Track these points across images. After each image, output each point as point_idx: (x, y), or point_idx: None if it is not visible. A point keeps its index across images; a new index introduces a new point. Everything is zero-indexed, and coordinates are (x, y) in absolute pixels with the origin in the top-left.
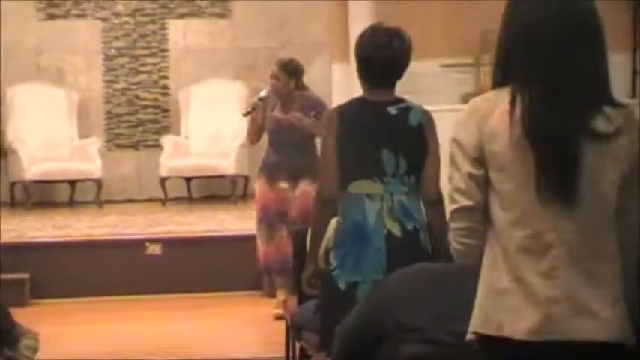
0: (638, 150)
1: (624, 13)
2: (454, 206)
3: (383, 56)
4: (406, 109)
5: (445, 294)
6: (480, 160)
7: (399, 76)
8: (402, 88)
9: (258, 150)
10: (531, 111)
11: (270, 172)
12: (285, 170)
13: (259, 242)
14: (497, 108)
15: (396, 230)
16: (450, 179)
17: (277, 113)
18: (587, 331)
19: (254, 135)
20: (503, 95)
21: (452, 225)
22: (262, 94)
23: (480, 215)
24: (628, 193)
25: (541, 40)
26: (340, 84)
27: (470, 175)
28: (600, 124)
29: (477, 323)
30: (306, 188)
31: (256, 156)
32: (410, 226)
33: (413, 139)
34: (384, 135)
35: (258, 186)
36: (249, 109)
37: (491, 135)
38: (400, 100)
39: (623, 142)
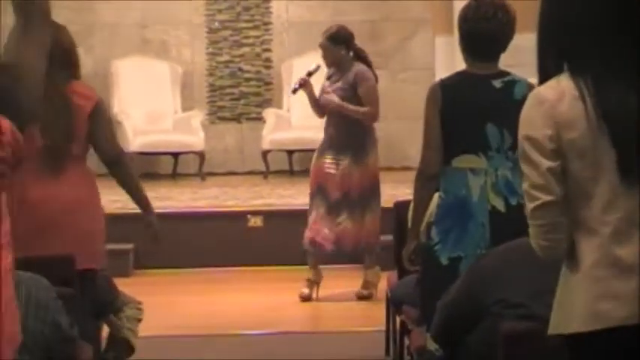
0: None
1: None
2: (535, 203)
3: (487, 29)
4: (511, 83)
5: (544, 268)
6: (556, 150)
7: (504, 49)
8: (507, 62)
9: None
10: (601, 92)
11: (322, 143)
12: (332, 143)
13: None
14: (565, 95)
15: (500, 205)
16: (526, 177)
17: (327, 84)
18: None
19: (314, 110)
20: (565, 81)
21: (534, 222)
22: (311, 68)
23: (562, 208)
24: None
25: (592, 19)
26: (443, 58)
27: (549, 169)
28: None
29: (579, 322)
30: (345, 170)
31: None
32: (514, 201)
33: (518, 112)
34: (489, 109)
35: (313, 159)
36: (297, 86)
37: (566, 123)
38: (504, 74)
39: None
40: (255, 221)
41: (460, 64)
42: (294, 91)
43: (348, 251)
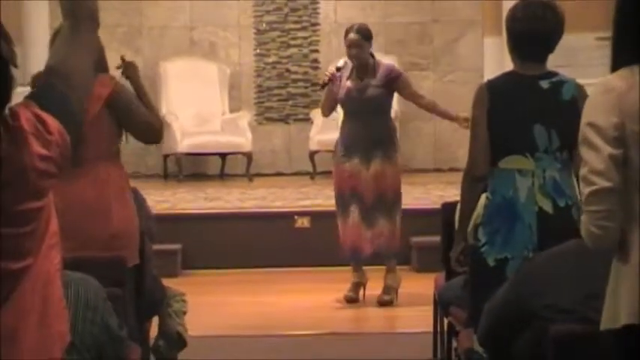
0: None
1: None
2: (591, 188)
3: (536, 29)
4: (559, 83)
5: (593, 271)
6: (620, 138)
7: (552, 49)
8: (556, 62)
9: (408, 125)
10: None
11: (345, 145)
12: (359, 144)
13: (338, 220)
14: (636, 86)
15: (548, 207)
16: (586, 162)
17: (350, 82)
18: None
19: (327, 107)
20: (636, 72)
21: (589, 208)
22: (340, 63)
23: (618, 197)
24: None
25: None
26: (492, 59)
27: (611, 156)
28: None
29: (627, 314)
30: (377, 168)
31: (407, 131)
32: (562, 203)
33: (566, 113)
34: (536, 109)
35: (333, 160)
36: (326, 80)
37: (632, 113)
38: (552, 74)
39: None
40: (303, 222)
41: (509, 65)
42: (324, 85)
43: (384, 253)
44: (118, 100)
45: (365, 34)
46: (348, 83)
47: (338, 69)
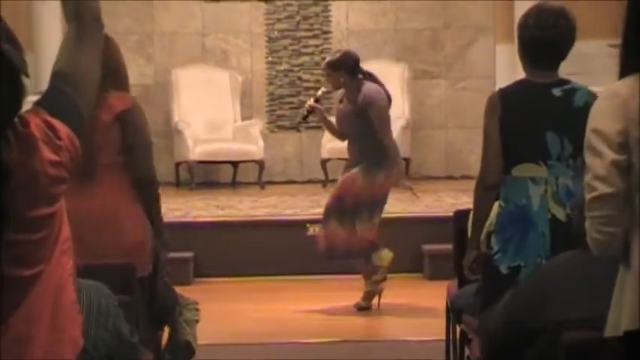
0: None
1: None
2: (593, 194)
3: (548, 37)
4: (571, 91)
5: (602, 279)
6: (623, 144)
7: (564, 57)
8: (568, 70)
9: (419, 132)
10: None
11: (346, 162)
12: (351, 162)
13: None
14: (637, 93)
15: (561, 214)
16: (589, 168)
17: (342, 105)
18: None
19: (333, 133)
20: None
21: (590, 213)
22: (318, 93)
23: (621, 202)
24: None
25: None
26: (504, 66)
27: (613, 162)
28: None
29: (628, 320)
30: (351, 176)
31: (419, 139)
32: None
33: (578, 120)
34: (549, 117)
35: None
36: (306, 113)
37: (635, 120)
38: (564, 82)
39: None
40: (314, 230)
41: (522, 72)
42: (304, 117)
43: (339, 256)
44: (125, 125)
45: (332, 65)
46: (340, 106)
47: (316, 100)
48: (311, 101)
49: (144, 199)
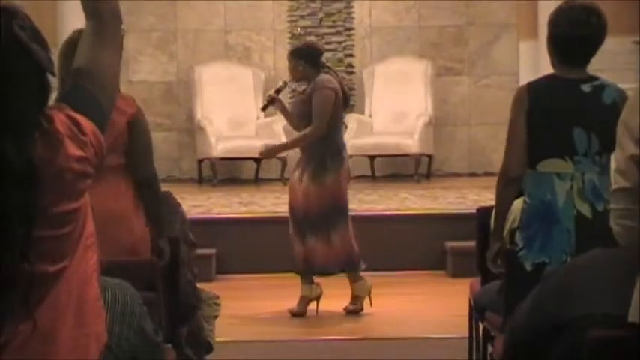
0: None
1: None
2: (614, 187)
3: (579, 34)
4: (600, 87)
5: (626, 276)
6: None
7: (593, 54)
8: (592, 66)
9: (442, 129)
10: None
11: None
12: (299, 161)
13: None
14: None
15: (586, 211)
16: (615, 161)
17: (298, 98)
18: None
19: (291, 124)
20: None
21: (612, 206)
22: (279, 85)
23: (637, 197)
24: None
25: None
26: (528, 62)
27: (632, 157)
28: None
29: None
30: (306, 189)
31: (442, 136)
32: (600, 207)
33: (606, 117)
34: (576, 113)
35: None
36: (266, 103)
37: None
38: (593, 78)
39: None
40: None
41: (545, 69)
42: (263, 108)
43: (319, 269)
44: (134, 128)
45: (292, 53)
46: (296, 99)
47: (277, 91)
48: (272, 92)
49: (147, 199)
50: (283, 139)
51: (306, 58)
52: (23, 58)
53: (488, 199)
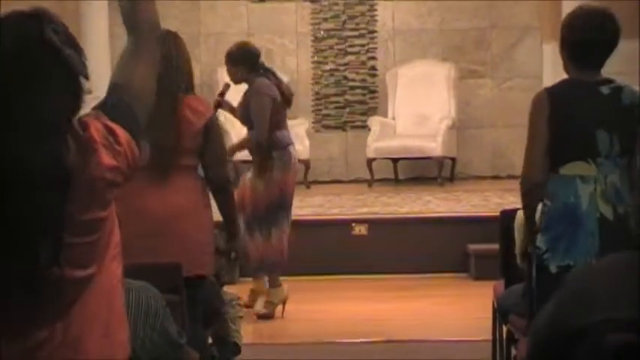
0: None
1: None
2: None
3: (595, 39)
4: (618, 89)
5: None
6: None
7: (608, 57)
8: (611, 69)
9: (465, 132)
10: None
11: None
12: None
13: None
14: None
15: (608, 214)
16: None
17: (241, 100)
18: None
19: (241, 122)
20: None
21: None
22: (222, 88)
23: None
24: None
25: None
26: (551, 65)
27: None
28: None
29: None
30: (253, 183)
31: (465, 139)
32: (621, 209)
33: (626, 118)
34: (598, 115)
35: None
36: (214, 106)
37: None
38: (610, 80)
39: None
40: (360, 229)
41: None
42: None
43: (256, 269)
44: (210, 132)
45: (228, 58)
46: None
47: (221, 94)
48: (216, 96)
49: (221, 203)
50: (307, 143)
51: (243, 62)
52: (56, 62)
53: (511, 201)
